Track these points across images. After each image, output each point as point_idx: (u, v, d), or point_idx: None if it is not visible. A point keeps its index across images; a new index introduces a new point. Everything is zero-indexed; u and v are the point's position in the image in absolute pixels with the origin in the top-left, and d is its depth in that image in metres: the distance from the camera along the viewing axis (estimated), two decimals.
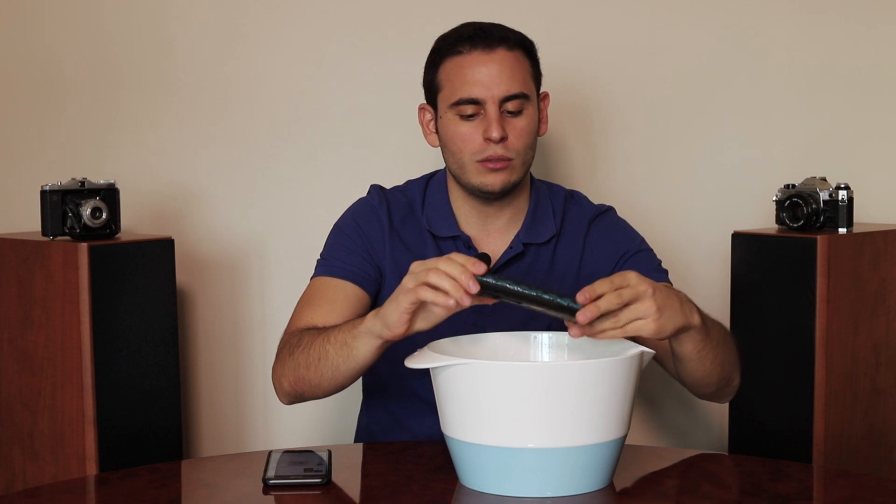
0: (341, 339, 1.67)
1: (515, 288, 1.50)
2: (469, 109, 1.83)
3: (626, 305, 1.50)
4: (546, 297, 1.49)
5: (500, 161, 1.83)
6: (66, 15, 2.57)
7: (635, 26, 2.42)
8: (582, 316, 1.48)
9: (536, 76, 1.90)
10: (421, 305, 1.55)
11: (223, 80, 2.50)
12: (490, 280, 1.50)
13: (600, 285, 1.50)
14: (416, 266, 1.55)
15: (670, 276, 1.93)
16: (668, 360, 1.76)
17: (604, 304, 1.48)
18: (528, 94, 1.85)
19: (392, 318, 1.57)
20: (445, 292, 1.50)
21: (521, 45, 1.87)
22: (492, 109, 1.82)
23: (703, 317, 1.64)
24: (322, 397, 1.78)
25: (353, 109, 2.46)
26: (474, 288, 1.49)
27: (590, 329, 1.50)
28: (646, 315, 1.51)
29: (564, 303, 1.49)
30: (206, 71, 2.51)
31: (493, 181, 1.84)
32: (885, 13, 2.35)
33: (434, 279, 1.51)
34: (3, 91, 2.62)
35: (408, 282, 1.54)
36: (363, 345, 1.64)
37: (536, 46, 1.90)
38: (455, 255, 1.52)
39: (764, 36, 2.39)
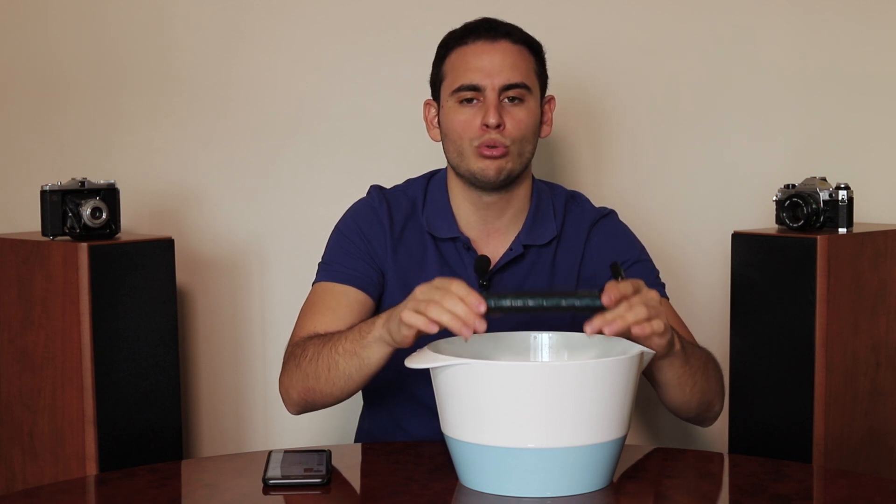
0: (350, 349, 1.68)
1: (529, 303, 1.51)
2: (468, 94, 1.83)
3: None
4: (564, 303, 1.51)
5: (496, 148, 1.82)
6: (67, 15, 2.57)
7: (635, 26, 2.42)
8: (608, 328, 1.49)
9: (541, 75, 1.90)
10: None
11: (223, 80, 2.50)
12: (504, 303, 1.50)
13: (626, 287, 1.52)
14: (420, 293, 1.54)
15: (671, 277, 1.94)
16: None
17: (631, 317, 1.50)
18: (530, 87, 1.85)
19: (398, 336, 1.58)
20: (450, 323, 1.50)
21: (526, 42, 1.88)
22: (491, 96, 1.82)
23: (683, 344, 1.67)
24: (333, 405, 1.78)
25: (353, 110, 2.46)
26: (481, 327, 1.49)
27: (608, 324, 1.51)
28: (659, 330, 1.54)
29: (582, 303, 1.51)
30: (206, 71, 2.51)
31: (489, 168, 1.83)
32: (885, 14, 2.35)
33: (435, 314, 1.50)
34: (3, 91, 2.62)
35: (409, 315, 1.53)
36: (374, 352, 1.65)
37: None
38: (455, 287, 1.51)
39: (764, 36, 2.39)
